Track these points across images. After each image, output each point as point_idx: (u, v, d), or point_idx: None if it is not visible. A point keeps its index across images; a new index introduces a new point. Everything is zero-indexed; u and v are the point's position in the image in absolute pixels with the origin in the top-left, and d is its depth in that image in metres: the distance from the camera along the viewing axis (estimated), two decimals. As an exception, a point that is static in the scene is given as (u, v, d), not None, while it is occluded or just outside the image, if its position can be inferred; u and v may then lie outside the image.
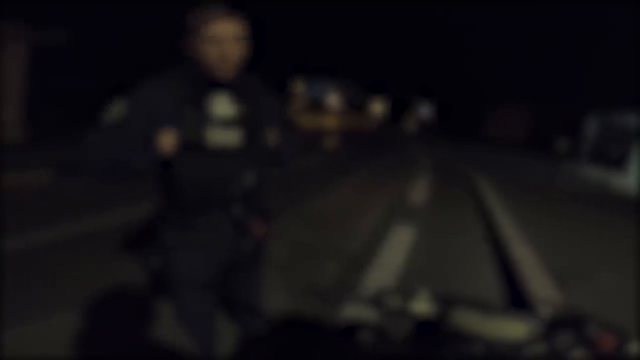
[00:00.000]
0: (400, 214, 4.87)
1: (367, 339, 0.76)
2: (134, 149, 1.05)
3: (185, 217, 1.20)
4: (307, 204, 4.79)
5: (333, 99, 30.64)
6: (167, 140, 1.06)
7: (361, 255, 3.30)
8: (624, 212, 6.77)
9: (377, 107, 39.21)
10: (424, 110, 35.90)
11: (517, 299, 2.78)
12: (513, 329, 0.70)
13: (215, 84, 1.15)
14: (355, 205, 5.17)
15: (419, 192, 6.56)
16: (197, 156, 1.11)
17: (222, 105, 1.15)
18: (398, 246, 3.63)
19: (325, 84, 30.21)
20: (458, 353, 0.70)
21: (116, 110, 1.09)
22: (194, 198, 1.18)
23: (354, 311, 2.17)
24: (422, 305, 0.77)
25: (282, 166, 1.38)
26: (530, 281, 2.89)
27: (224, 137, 1.15)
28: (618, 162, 9.48)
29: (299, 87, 28.40)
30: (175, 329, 1.84)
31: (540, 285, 2.84)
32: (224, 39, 1.07)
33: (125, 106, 1.08)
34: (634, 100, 9.59)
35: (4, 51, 7.23)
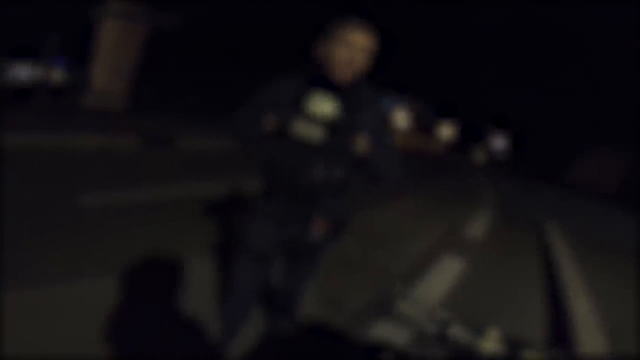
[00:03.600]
0: (453, 245, 4.60)
1: None
2: (250, 125, 1.32)
3: (271, 192, 1.39)
4: (359, 218, 4.75)
5: (401, 116, 29.91)
6: (267, 124, 1.28)
7: (404, 277, 3.18)
8: None
9: (446, 132, 37.51)
10: (498, 142, 33.58)
11: (564, 347, 2.47)
12: None
13: (326, 85, 1.28)
14: (406, 227, 5.01)
15: (478, 228, 6.15)
16: (281, 142, 1.28)
17: (320, 104, 1.28)
18: (444, 276, 3.43)
19: (396, 99, 29.53)
20: None
21: (259, 94, 1.36)
22: (274, 177, 1.36)
23: (382, 331, 2.10)
24: (491, 345, 0.75)
25: (374, 180, 1.39)
26: (581, 333, 2.57)
27: (307, 131, 1.26)
28: None
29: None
30: (207, 304, 1.95)
31: (591, 339, 2.48)
32: (357, 46, 1.22)
33: (261, 92, 1.36)
34: None
35: (124, 29, 8.20)
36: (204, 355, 1.68)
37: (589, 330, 2.68)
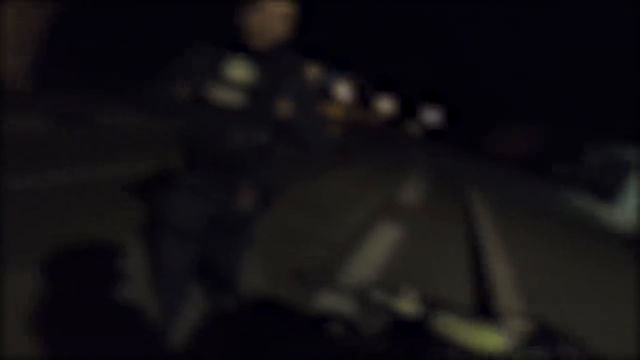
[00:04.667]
0: (389, 212, 4.88)
1: (338, 332, 0.76)
2: (164, 94, 1.26)
3: (190, 162, 1.34)
4: (298, 187, 4.77)
5: (342, 89, 30.20)
6: (181, 91, 1.23)
7: (345, 246, 3.31)
8: (609, 242, 6.86)
9: (384, 105, 38.87)
10: (431, 115, 35.73)
11: (485, 309, 2.83)
12: (492, 339, 0.72)
13: (243, 51, 1.24)
14: (346, 196, 5.18)
15: (412, 195, 6.58)
16: (199, 109, 1.25)
17: (238, 70, 1.25)
18: (382, 242, 3.66)
19: (337, 73, 29.64)
20: (436, 356, 0.72)
21: (171, 64, 1.30)
22: (193, 147, 1.31)
23: (328, 301, 2.19)
24: (406, 305, 0.77)
25: (299, 146, 1.35)
26: (500, 294, 2.95)
27: (226, 96, 1.23)
28: (611, 194, 9.57)
29: (314, 72, 27.73)
30: (144, 289, 1.87)
31: (509, 299, 2.89)
32: (272, 12, 1.19)
33: (175, 62, 1.31)
34: (635, 134, 9.61)
35: (29, 4, 7.07)
36: (145, 342, 1.60)
37: (506, 290, 3.05)
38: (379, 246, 3.55)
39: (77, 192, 3.00)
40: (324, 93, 28.54)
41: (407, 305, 0.77)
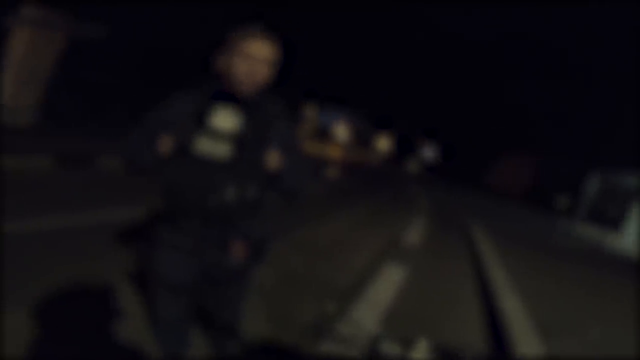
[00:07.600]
0: (393, 253, 4.83)
1: None
2: (144, 148, 1.19)
3: (174, 218, 1.26)
4: (300, 231, 4.78)
5: (341, 129, 30.80)
6: (163, 144, 1.16)
7: (349, 290, 3.26)
8: (616, 271, 6.72)
9: (382, 143, 39.59)
10: (429, 153, 36.28)
11: (502, 351, 2.72)
12: None
13: (228, 98, 1.20)
14: (348, 239, 5.16)
15: (414, 234, 6.54)
16: (183, 162, 1.18)
17: (223, 118, 1.20)
18: (387, 285, 3.59)
19: (335, 113, 30.23)
20: None
21: (150, 114, 1.25)
22: (178, 201, 1.22)
23: (333, 346, 2.15)
24: (421, 356, 0.78)
25: (288, 196, 1.32)
26: (514, 330, 2.86)
27: (211, 148, 1.17)
28: (615, 223, 9.50)
29: (310, 113, 28.30)
30: (142, 330, 1.87)
31: (524, 335, 2.80)
32: (256, 57, 1.16)
33: (154, 112, 1.25)
34: (636, 160, 9.72)
35: (39, 38, 7.38)
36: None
37: (522, 329, 2.94)
38: (384, 289, 3.49)
39: (72, 236, 3.00)
40: (323, 133, 29.01)
41: (421, 355, 0.78)
